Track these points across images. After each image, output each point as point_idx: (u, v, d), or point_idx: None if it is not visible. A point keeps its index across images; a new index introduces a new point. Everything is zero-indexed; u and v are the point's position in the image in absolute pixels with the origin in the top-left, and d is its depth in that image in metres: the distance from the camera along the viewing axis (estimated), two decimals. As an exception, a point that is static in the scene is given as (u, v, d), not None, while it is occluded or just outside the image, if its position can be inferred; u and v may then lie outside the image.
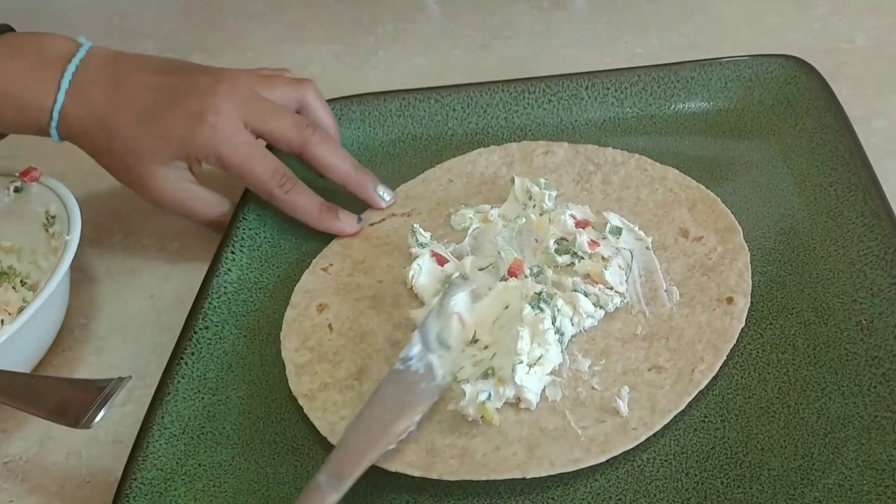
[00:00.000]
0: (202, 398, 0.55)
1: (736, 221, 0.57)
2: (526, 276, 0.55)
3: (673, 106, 0.67)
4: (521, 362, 0.50)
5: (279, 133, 0.63)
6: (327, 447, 0.51)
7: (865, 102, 0.68)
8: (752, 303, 0.53)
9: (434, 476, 0.48)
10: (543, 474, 0.46)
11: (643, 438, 0.47)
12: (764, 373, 0.50)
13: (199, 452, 0.52)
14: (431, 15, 0.93)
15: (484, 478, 0.47)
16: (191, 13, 1.04)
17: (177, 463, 0.52)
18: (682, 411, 0.48)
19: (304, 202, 0.63)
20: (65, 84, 0.62)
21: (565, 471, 0.46)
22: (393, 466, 0.49)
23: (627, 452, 0.47)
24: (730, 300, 0.53)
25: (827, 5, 0.80)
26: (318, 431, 0.51)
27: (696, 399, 0.49)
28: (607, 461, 0.47)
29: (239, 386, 0.56)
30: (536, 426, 0.49)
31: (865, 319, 0.50)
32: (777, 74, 0.66)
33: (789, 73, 0.65)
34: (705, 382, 0.49)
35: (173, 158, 0.62)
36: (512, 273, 0.55)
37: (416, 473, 0.48)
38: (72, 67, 0.63)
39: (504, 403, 0.50)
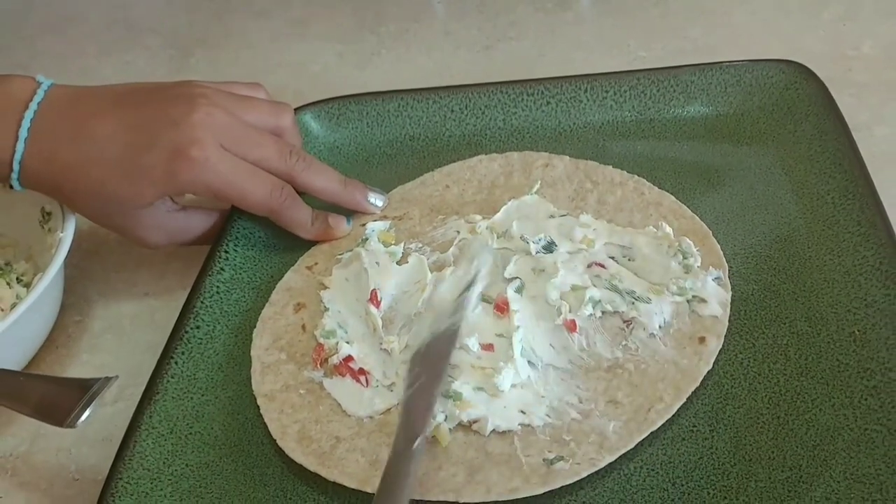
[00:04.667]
0: (191, 398, 0.55)
1: (724, 257, 0.55)
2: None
3: (672, 110, 0.67)
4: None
5: (263, 163, 0.60)
6: (277, 451, 0.51)
7: (869, 110, 0.67)
8: (743, 310, 0.53)
9: (369, 490, 0.47)
10: (478, 500, 0.46)
11: (585, 475, 0.46)
12: (754, 382, 0.49)
13: (187, 452, 0.52)
14: (436, 15, 0.92)
15: (418, 497, 0.46)
16: (194, 8, 1.03)
17: (164, 463, 0.52)
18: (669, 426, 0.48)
19: (299, 215, 0.62)
20: (23, 133, 0.58)
21: (501, 499, 0.46)
22: (332, 476, 0.48)
23: (613, 462, 0.47)
24: (702, 340, 0.51)
25: (835, 12, 0.79)
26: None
27: (685, 408, 0.48)
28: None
29: (229, 386, 0.56)
30: (483, 450, 0.48)
31: (858, 330, 0.50)
32: (777, 80, 0.65)
33: (790, 79, 0.64)
34: (660, 423, 0.48)
35: (157, 198, 0.59)
36: (499, 308, 0.54)
37: (353, 485, 0.48)
38: (29, 114, 0.58)
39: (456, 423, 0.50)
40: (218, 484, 0.51)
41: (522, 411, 0.49)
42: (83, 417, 0.48)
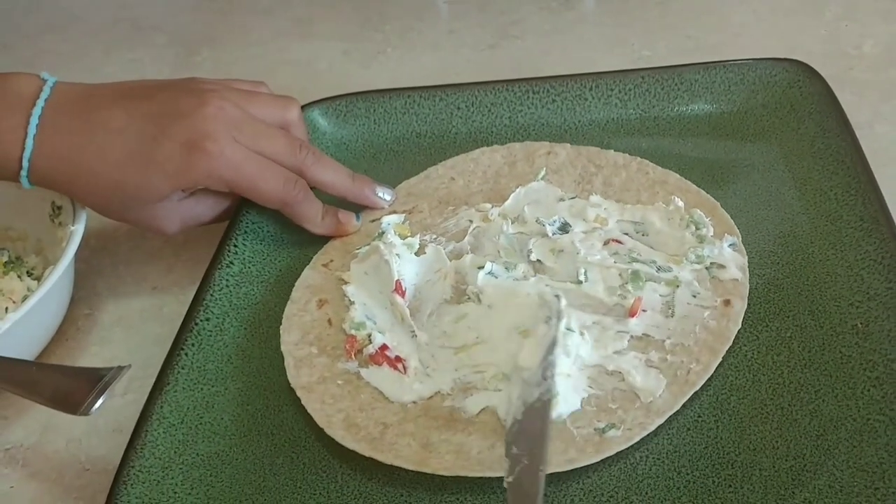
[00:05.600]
0: (201, 389, 0.55)
1: (735, 226, 0.57)
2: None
3: (676, 108, 0.68)
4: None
5: (274, 157, 0.60)
6: (323, 438, 0.51)
7: (870, 107, 0.68)
8: (749, 305, 0.53)
9: (428, 471, 0.48)
10: None
11: (637, 439, 0.47)
12: (759, 374, 0.50)
13: (197, 442, 0.53)
14: (440, 14, 0.93)
15: (479, 474, 0.47)
16: (199, 6, 1.04)
17: (174, 452, 0.52)
18: (677, 412, 0.49)
19: (310, 210, 0.62)
20: (31, 130, 0.57)
21: (559, 470, 0.47)
22: (388, 459, 0.49)
23: (620, 451, 0.47)
24: (727, 302, 0.53)
25: (836, 11, 0.80)
26: (314, 424, 0.52)
27: (691, 399, 0.49)
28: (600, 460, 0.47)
29: (238, 378, 0.56)
30: None
31: (861, 323, 0.51)
32: (781, 78, 0.66)
33: (793, 77, 0.65)
34: (700, 383, 0.49)
35: (172, 192, 0.59)
36: (633, 313, 0.54)
37: (411, 467, 0.48)
38: (37, 110, 0.58)
39: None
40: (228, 473, 0.51)
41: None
42: (97, 405, 0.48)
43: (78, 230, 0.61)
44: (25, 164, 0.58)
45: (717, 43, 0.80)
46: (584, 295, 0.55)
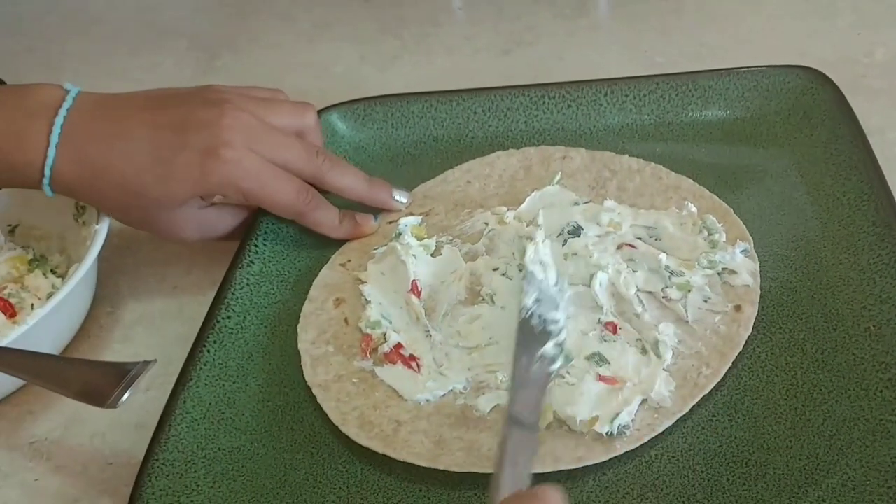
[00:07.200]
0: (223, 385, 0.56)
1: (747, 231, 0.58)
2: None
3: (690, 114, 0.68)
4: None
5: (291, 164, 0.62)
6: (340, 435, 0.52)
7: (882, 114, 0.69)
8: (762, 308, 0.54)
9: (441, 467, 0.49)
10: (547, 470, 0.47)
11: (646, 440, 0.48)
12: (772, 375, 0.51)
13: (219, 437, 0.54)
14: (456, 19, 0.94)
15: (489, 471, 0.48)
16: (218, 10, 1.05)
17: (197, 446, 0.53)
18: (686, 414, 0.49)
19: (326, 216, 0.64)
20: (54, 138, 0.58)
21: (568, 468, 0.48)
22: (401, 456, 0.50)
23: (635, 449, 0.48)
24: (738, 308, 0.54)
25: (849, 18, 0.81)
26: (331, 421, 0.53)
27: (705, 399, 0.50)
28: (615, 457, 0.48)
29: (258, 374, 0.57)
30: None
31: (874, 325, 0.51)
32: (794, 85, 0.67)
33: (806, 84, 0.66)
34: (710, 387, 0.50)
35: (189, 198, 0.60)
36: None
37: (423, 464, 0.49)
38: (59, 119, 0.59)
39: None
40: (249, 467, 0.52)
41: None
42: (123, 399, 0.49)
43: (101, 229, 0.62)
44: (48, 172, 0.59)
45: (731, 49, 0.80)
46: (595, 298, 0.56)
